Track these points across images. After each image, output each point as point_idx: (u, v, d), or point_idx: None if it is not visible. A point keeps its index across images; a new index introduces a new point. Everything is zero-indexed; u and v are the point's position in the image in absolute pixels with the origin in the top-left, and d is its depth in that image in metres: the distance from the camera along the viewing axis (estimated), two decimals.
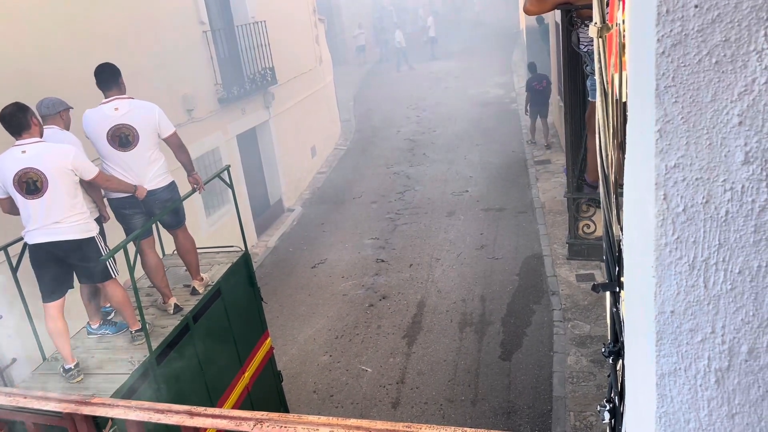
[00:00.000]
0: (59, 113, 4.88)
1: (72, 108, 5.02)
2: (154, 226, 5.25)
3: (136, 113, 4.88)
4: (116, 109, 4.82)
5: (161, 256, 5.92)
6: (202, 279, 5.64)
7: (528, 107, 15.37)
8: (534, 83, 14.93)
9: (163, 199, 5.13)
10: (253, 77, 12.23)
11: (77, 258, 4.50)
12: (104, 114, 4.83)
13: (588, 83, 4.43)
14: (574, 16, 4.17)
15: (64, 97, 5.03)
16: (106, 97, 4.88)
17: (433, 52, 29.11)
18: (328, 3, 25.53)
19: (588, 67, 4.33)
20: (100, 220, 4.87)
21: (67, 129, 4.93)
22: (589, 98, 4.48)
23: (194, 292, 5.54)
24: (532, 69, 15.39)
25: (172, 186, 5.23)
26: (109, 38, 8.21)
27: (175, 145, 5.15)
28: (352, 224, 13.09)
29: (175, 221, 5.35)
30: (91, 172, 4.50)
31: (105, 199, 5.03)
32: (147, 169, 4.96)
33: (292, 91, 14.39)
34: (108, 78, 4.87)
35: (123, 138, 4.83)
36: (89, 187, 4.68)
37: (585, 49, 4.19)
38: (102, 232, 4.81)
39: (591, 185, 4.71)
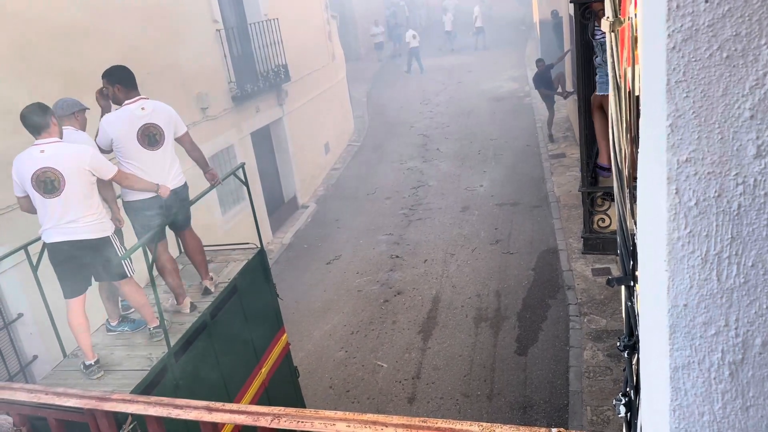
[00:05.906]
0: (74, 114, 4.90)
1: (88, 108, 5.06)
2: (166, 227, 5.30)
3: (159, 112, 4.96)
4: (143, 108, 4.89)
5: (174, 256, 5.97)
6: (212, 278, 5.68)
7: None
8: (536, 76, 14.81)
9: (182, 198, 5.21)
10: (267, 75, 12.26)
11: (93, 257, 4.54)
12: (133, 114, 4.86)
13: (597, 77, 4.39)
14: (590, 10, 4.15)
15: (78, 98, 5.07)
16: (129, 98, 4.90)
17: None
18: None
19: (597, 59, 4.30)
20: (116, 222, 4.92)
21: (83, 130, 4.97)
22: (597, 92, 4.44)
23: (206, 292, 5.56)
24: (539, 65, 15.03)
25: (186, 185, 5.29)
26: (124, 38, 8.28)
27: (189, 143, 5.22)
28: (367, 220, 13.11)
29: (186, 221, 5.42)
30: (110, 170, 4.55)
31: (119, 201, 5.07)
32: (171, 168, 5.04)
33: (305, 88, 14.43)
34: (132, 79, 4.93)
35: (151, 137, 4.90)
36: (103, 188, 4.71)
37: (600, 38, 4.16)
38: (118, 231, 4.87)
39: (604, 168, 4.66)
